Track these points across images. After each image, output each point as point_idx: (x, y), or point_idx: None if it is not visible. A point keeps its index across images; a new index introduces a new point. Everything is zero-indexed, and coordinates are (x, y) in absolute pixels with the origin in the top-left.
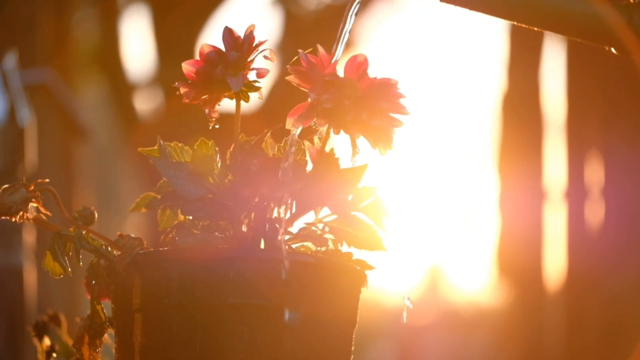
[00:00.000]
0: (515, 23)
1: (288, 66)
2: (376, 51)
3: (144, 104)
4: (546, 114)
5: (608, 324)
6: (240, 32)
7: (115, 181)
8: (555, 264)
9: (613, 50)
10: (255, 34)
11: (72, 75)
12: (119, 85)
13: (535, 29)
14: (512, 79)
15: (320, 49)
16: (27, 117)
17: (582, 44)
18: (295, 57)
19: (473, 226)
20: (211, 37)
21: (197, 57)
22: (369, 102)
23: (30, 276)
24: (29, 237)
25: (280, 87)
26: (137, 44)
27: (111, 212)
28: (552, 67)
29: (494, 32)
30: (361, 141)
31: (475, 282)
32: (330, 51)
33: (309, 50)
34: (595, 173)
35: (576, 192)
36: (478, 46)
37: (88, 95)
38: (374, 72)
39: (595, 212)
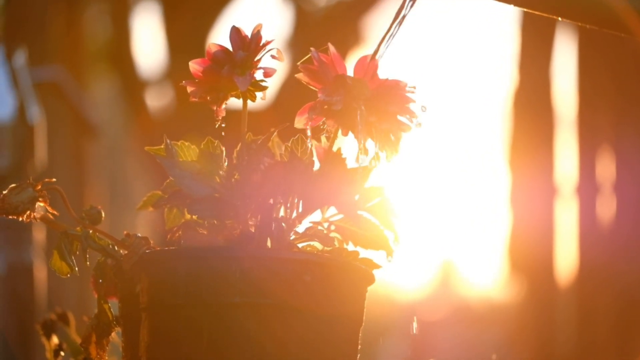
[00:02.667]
0: (545, 14)
1: (299, 64)
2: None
3: (155, 100)
4: (557, 109)
5: (619, 318)
6: (248, 31)
7: (126, 178)
8: (566, 259)
9: None
10: (263, 33)
11: (82, 72)
12: (130, 82)
13: (573, 22)
14: (523, 74)
15: (332, 48)
16: (36, 114)
17: (593, 38)
18: (307, 56)
19: (485, 222)
20: (222, 33)
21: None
22: (378, 105)
23: (40, 273)
24: (39, 234)
25: (289, 84)
26: (148, 40)
27: (122, 209)
28: (564, 62)
29: (504, 27)
30: (369, 143)
31: (487, 277)
32: (340, 50)
33: (323, 48)
34: (606, 168)
35: (587, 187)
36: (489, 41)
37: (98, 92)
38: (384, 72)
39: (606, 207)
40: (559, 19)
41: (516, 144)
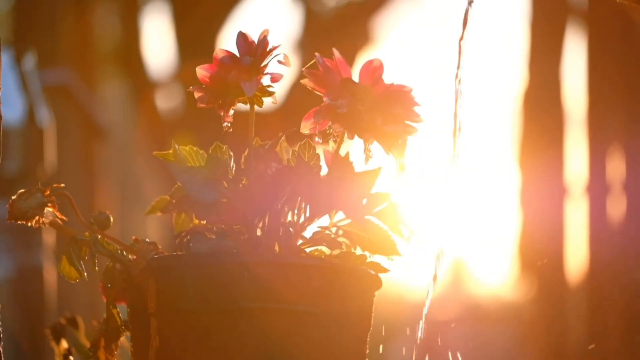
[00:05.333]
0: None
1: (304, 70)
2: (396, 46)
3: (165, 102)
4: (567, 107)
5: (629, 317)
6: (254, 36)
7: (136, 180)
8: (576, 257)
9: None
10: (270, 38)
11: (92, 74)
12: (140, 84)
13: None
14: (533, 73)
15: (336, 53)
16: (46, 117)
17: (603, 36)
18: (312, 62)
19: (495, 220)
20: (232, 34)
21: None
22: (383, 107)
23: (50, 276)
24: (49, 237)
25: (299, 85)
26: (158, 42)
27: (132, 211)
28: (573, 61)
29: (514, 26)
30: (375, 146)
31: (498, 276)
32: (349, 51)
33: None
34: (616, 167)
35: (597, 187)
36: (498, 40)
37: (108, 94)
38: (390, 77)
39: (616, 206)
40: None
41: (526, 143)
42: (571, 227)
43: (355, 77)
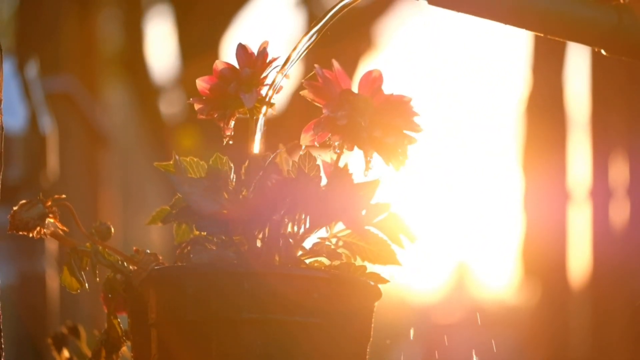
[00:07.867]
0: (506, 25)
1: (303, 81)
2: (399, 51)
3: (168, 107)
4: (570, 113)
5: (633, 321)
6: (254, 47)
7: (139, 186)
8: (579, 262)
9: (603, 51)
10: (269, 49)
11: (95, 81)
12: (143, 89)
13: (525, 30)
14: (537, 78)
15: (336, 64)
16: (49, 125)
17: None
18: (312, 73)
19: (499, 225)
20: (235, 39)
21: (222, 59)
22: (383, 119)
23: (53, 283)
24: (52, 244)
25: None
26: (161, 47)
27: (135, 218)
28: (577, 66)
29: (518, 31)
30: (375, 157)
31: (501, 280)
32: (352, 56)
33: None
34: (619, 172)
35: (601, 192)
36: (502, 46)
37: (111, 100)
38: (389, 87)
39: (619, 211)
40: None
41: (529, 147)
42: (574, 231)
43: (355, 88)
